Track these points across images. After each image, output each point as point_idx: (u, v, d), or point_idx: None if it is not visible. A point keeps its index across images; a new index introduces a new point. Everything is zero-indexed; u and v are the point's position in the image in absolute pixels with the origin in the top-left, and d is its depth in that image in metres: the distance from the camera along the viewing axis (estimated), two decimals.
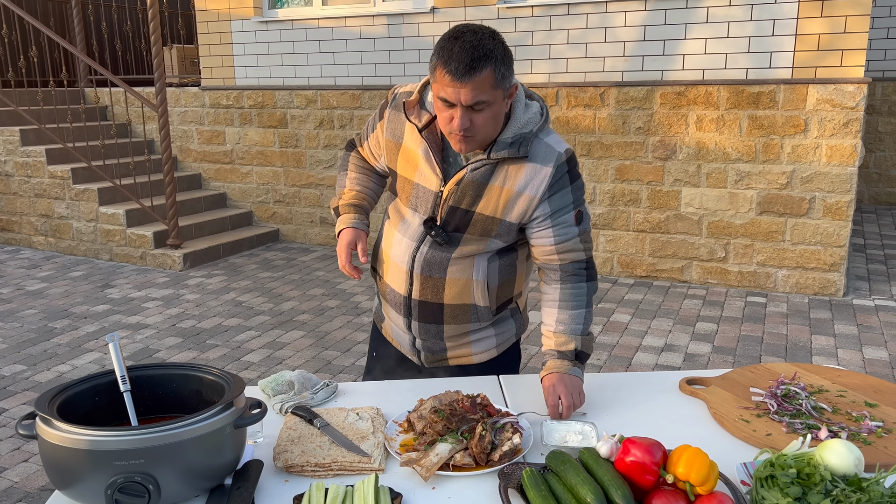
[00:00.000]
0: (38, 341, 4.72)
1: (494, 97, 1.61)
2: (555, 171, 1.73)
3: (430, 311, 1.88)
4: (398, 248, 1.87)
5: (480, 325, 1.92)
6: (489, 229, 1.77)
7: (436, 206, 1.79)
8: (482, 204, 1.75)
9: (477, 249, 1.81)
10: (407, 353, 2.03)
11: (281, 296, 5.59)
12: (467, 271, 1.82)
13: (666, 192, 5.67)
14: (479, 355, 1.98)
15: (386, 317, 2.03)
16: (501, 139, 1.70)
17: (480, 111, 1.61)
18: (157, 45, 6.18)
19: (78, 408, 1.41)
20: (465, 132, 1.63)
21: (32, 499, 2.99)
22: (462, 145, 1.67)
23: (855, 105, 5.01)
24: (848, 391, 1.77)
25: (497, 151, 1.70)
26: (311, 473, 1.45)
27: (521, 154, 1.70)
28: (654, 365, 4.20)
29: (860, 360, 4.19)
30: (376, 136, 1.92)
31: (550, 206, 1.75)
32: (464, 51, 1.55)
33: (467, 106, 1.59)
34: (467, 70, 1.55)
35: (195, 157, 7.60)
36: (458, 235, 1.78)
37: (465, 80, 1.55)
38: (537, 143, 1.74)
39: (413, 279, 1.86)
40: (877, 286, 5.48)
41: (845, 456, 1.31)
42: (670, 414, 1.70)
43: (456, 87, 1.57)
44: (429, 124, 1.74)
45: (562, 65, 5.84)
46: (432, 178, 1.77)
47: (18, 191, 7.13)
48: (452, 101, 1.59)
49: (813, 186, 5.23)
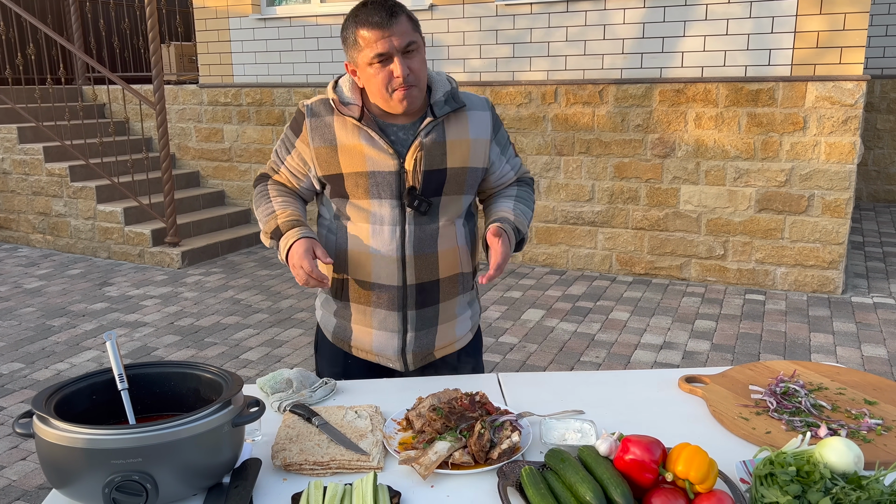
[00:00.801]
0: (36, 339, 4.71)
1: (419, 40, 1.76)
2: (491, 114, 1.92)
3: (427, 293, 1.89)
4: (378, 240, 1.85)
5: (465, 297, 1.99)
6: (461, 181, 1.88)
7: (400, 184, 1.82)
8: (450, 159, 1.85)
9: (456, 212, 1.90)
10: (388, 361, 1.96)
11: (279, 294, 5.59)
12: (452, 239, 1.90)
13: (665, 189, 5.66)
14: (461, 340, 2.03)
15: (359, 330, 1.95)
16: (436, 100, 1.83)
17: (413, 56, 1.74)
18: (154, 43, 6.17)
19: (75, 406, 1.40)
20: (408, 81, 1.73)
21: (30, 497, 2.99)
22: (407, 101, 1.76)
23: (854, 102, 5.00)
24: (847, 389, 1.76)
25: (440, 109, 1.82)
26: (309, 472, 1.44)
27: (459, 105, 1.84)
28: (652, 363, 4.20)
29: (859, 357, 4.19)
30: (296, 155, 1.90)
31: (499, 146, 1.95)
32: (377, 4, 1.71)
33: (402, 51, 1.71)
34: (389, 16, 1.70)
35: (193, 154, 7.58)
36: (437, 199, 1.85)
37: (391, 25, 1.69)
38: (464, 96, 1.89)
39: (406, 264, 1.86)
40: (875, 284, 5.48)
41: (845, 454, 1.30)
42: (669, 412, 1.70)
43: (386, 37, 1.69)
44: (362, 114, 1.82)
45: (560, 62, 5.84)
46: (387, 160, 1.81)
47: (16, 188, 7.11)
48: (387, 52, 1.70)
49: (812, 184, 5.23)
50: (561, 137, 5.92)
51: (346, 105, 1.82)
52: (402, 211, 1.84)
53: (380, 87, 1.74)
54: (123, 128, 7.68)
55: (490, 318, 4.97)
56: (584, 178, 5.91)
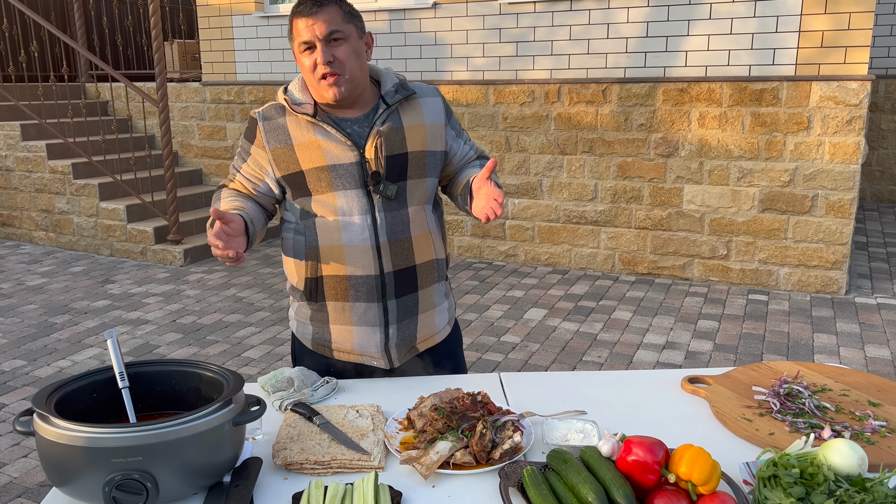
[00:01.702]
0: (39, 336, 4.72)
1: (348, 31, 1.77)
2: (442, 101, 1.97)
3: (405, 280, 1.90)
4: (350, 231, 1.84)
5: (440, 285, 2.01)
6: (423, 164, 1.90)
7: (363, 173, 1.83)
8: (409, 143, 1.88)
9: (423, 196, 1.92)
10: (373, 359, 1.94)
11: (281, 292, 5.59)
12: (424, 224, 1.93)
13: (668, 189, 5.65)
14: (441, 332, 2.04)
15: (339, 330, 1.93)
16: (386, 90, 1.88)
17: (338, 45, 1.76)
18: (157, 40, 6.17)
19: (76, 404, 1.40)
20: (332, 68, 1.75)
21: (31, 494, 2.99)
22: (334, 89, 1.77)
23: (858, 102, 4.99)
24: (851, 390, 1.76)
25: (392, 98, 1.87)
26: (310, 471, 1.44)
27: (410, 92, 1.89)
28: (655, 363, 4.19)
29: (862, 358, 4.18)
30: (252, 161, 1.91)
31: (454, 130, 1.99)
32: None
33: (325, 40, 1.74)
34: (315, 4, 1.74)
35: (196, 152, 7.59)
36: (403, 184, 1.87)
37: (314, 13, 1.73)
38: (414, 85, 1.94)
39: (381, 252, 1.86)
40: (879, 284, 5.47)
41: (849, 456, 1.29)
42: (672, 413, 1.69)
43: (309, 25, 1.74)
44: (315, 111, 1.84)
45: (564, 61, 5.82)
46: (346, 152, 1.82)
47: (19, 186, 7.12)
48: (310, 40, 1.74)
49: (816, 184, 5.22)
50: (564, 136, 5.91)
51: (298, 105, 1.85)
52: (370, 199, 1.84)
53: (308, 74, 1.79)
54: (126, 125, 7.68)
55: (492, 317, 4.96)
56: (586, 177, 5.89)
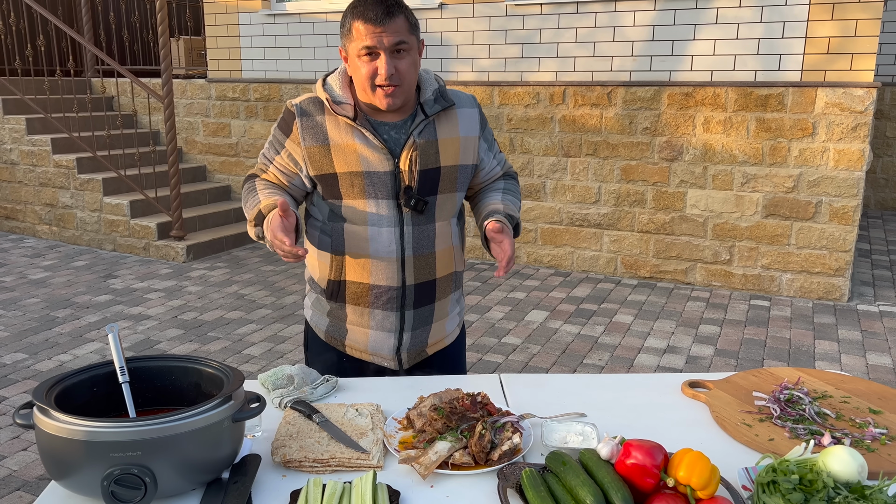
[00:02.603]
0: (40, 330, 4.72)
1: (411, 42, 1.75)
2: (478, 111, 1.94)
3: (425, 293, 1.91)
4: (377, 242, 1.84)
5: (456, 294, 2.02)
6: (454, 179, 1.89)
7: (396, 184, 1.81)
8: (443, 157, 1.86)
9: (451, 210, 1.91)
10: (383, 360, 1.97)
11: (283, 290, 5.59)
12: (448, 239, 1.92)
13: (671, 193, 5.65)
14: (450, 335, 2.05)
15: (354, 330, 1.95)
16: (426, 98, 1.84)
17: (402, 57, 1.74)
18: (164, 37, 6.18)
19: (76, 398, 1.40)
20: (392, 80, 1.73)
21: (31, 487, 2.99)
22: (389, 99, 1.75)
23: (864, 109, 4.98)
24: (852, 397, 1.75)
25: (431, 108, 1.84)
26: (308, 469, 1.44)
27: (448, 103, 1.86)
28: (655, 367, 4.18)
29: (864, 365, 4.17)
30: (286, 155, 1.86)
31: (486, 142, 1.97)
32: (377, 1, 1.71)
33: (391, 50, 1.71)
34: (385, 14, 1.70)
35: (200, 149, 7.59)
36: (433, 198, 1.86)
37: (384, 23, 1.70)
38: (451, 94, 1.91)
39: (405, 265, 1.86)
40: (882, 292, 5.46)
41: (848, 463, 1.29)
42: (672, 417, 1.69)
43: (377, 33, 1.70)
44: (356, 114, 1.81)
45: (569, 63, 5.82)
46: (382, 160, 1.80)
47: (23, 179, 7.13)
48: (375, 47, 1.71)
49: (819, 190, 5.21)
50: (568, 139, 5.90)
51: (339, 104, 1.81)
52: (400, 211, 1.83)
53: (364, 80, 1.75)
54: (131, 121, 7.69)
55: (493, 318, 4.96)
56: (590, 179, 5.89)
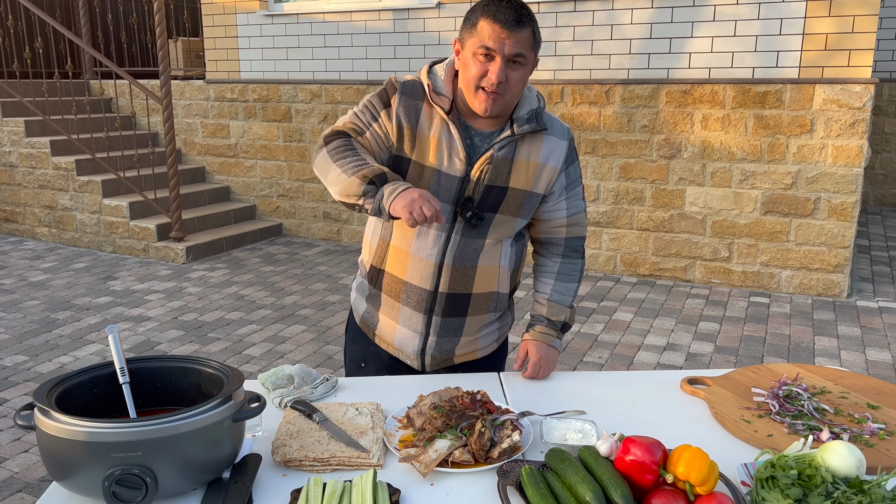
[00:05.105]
0: (41, 332, 4.73)
1: (530, 58, 1.70)
2: (568, 144, 1.85)
3: (456, 304, 1.86)
4: (421, 241, 1.81)
5: (495, 314, 1.95)
6: (519, 204, 1.82)
7: (460, 191, 1.77)
8: (514, 178, 1.79)
9: (506, 233, 1.84)
10: (407, 358, 1.95)
11: (283, 290, 5.59)
12: (496, 258, 1.86)
13: (670, 190, 5.65)
14: (483, 350, 2.00)
15: (384, 321, 1.94)
16: (519, 115, 1.77)
17: (516, 69, 1.68)
18: (162, 38, 6.18)
19: (76, 399, 1.40)
20: (498, 88, 1.67)
21: (32, 489, 3.00)
22: (488, 104, 1.69)
23: (862, 105, 4.98)
24: (850, 393, 1.76)
25: (520, 126, 1.76)
26: (309, 468, 1.44)
27: (540, 127, 1.78)
28: (655, 364, 4.19)
29: (863, 361, 4.18)
30: (381, 125, 1.78)
31: (566, 179, 1.86)
32: (511, 7, 1.65)
33: (508, 58, 1.65)
34: (516, 21, 1.64)
35: (199, 150, 7.59)
36: (491, 216, 1.80)
37: (513, 29, 1.63)
38: (547, 118, 1.83)
39: (442, 271, 1.82)
40: (881, 288, 5.46)
41: (847, 458, 1.30)
42: (671, 413, 1.69)
43: (502, 38, 1.63)
44: (451, 109, 1.76)
45: (567, 62, 5.82)
46: (456, 163, 1.76)
47: (23, 182, 7.13)
48: (495, 50, 1.64)
49: (818, 187, 5.21)
50: None
51: (438, 95, 1.76)
52: (454, 218, 1.79)
53: (471, 78, 1.69)
54: (130, 122, 7.69)
55: None
56: (589, 178, 5.89)
